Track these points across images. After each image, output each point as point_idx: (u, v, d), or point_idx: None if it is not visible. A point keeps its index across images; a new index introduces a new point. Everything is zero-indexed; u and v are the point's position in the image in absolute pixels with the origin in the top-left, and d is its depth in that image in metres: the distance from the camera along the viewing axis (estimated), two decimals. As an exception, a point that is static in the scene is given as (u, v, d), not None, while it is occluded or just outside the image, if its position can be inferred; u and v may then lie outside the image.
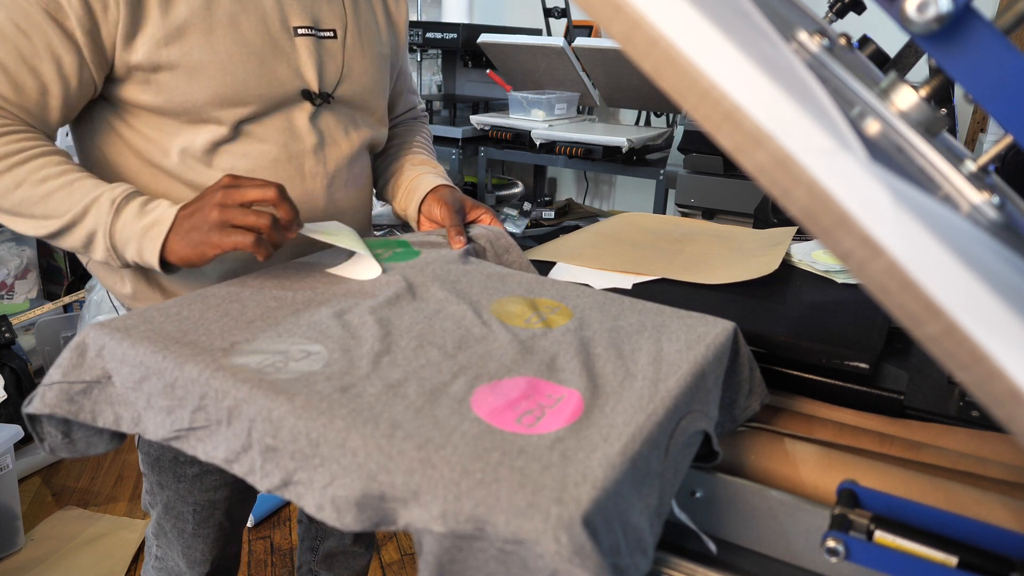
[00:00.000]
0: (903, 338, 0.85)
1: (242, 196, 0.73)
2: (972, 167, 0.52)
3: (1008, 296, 0.34)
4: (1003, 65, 0.42)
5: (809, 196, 0.34)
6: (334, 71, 0.93)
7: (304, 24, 0.89)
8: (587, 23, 2.78)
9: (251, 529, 1.92)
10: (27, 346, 2.23)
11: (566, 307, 0.74)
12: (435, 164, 1.11)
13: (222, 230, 0.73)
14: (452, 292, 0.75)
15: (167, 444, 0.60)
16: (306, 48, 0.89)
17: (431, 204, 1.00)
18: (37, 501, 1.98)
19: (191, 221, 0.75)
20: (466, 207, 1.00)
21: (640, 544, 0.48)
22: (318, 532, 1.29)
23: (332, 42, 0.93)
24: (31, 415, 0.64)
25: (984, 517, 0.57)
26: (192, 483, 0.98)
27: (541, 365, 0.61)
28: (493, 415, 0.53)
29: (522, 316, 0.71)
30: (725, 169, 2.02)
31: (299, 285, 0.75)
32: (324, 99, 0.92)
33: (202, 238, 0.74)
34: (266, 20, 0.85)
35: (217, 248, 0.73)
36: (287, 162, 0.90)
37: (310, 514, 0.51)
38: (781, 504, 0.59)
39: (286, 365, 0.58)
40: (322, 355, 0.60)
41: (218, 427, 0.56)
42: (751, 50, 0.36)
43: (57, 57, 0.77)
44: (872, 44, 0.70)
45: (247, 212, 0.73)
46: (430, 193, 1.01)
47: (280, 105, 0.88)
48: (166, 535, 1.03)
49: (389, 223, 2.72)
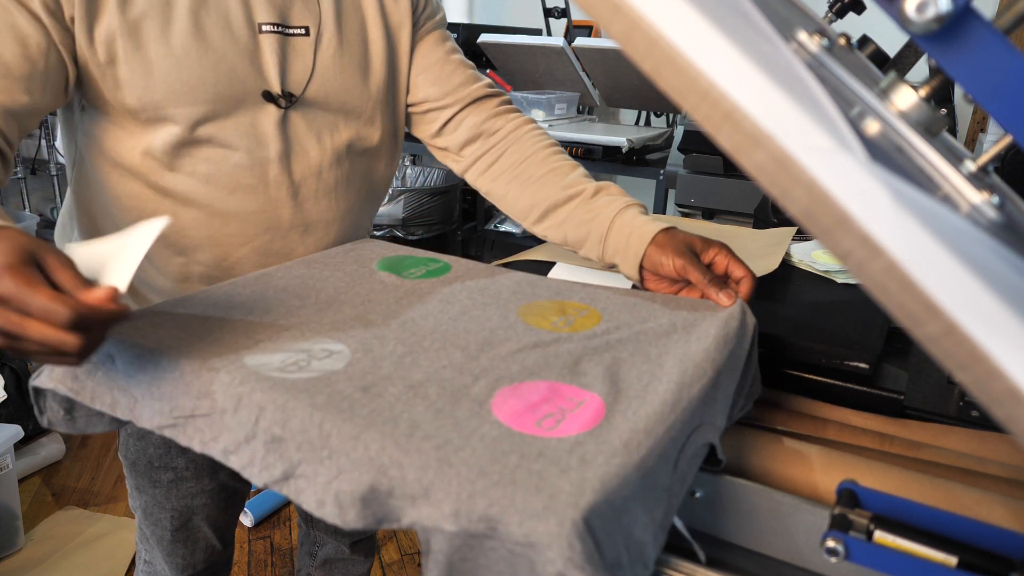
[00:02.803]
0: (903, 338, 0.85)
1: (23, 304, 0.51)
2: (972, 167, 0.51)
3: (1008, 296, 0.34)
4: (1003, 65, 0.41)
5: (809, 196, 0.34)
6: (301, 70, 0.87)
7: (270, 21, 0.84)
8: (587, 23, 2.78)
9: (251, 529, 1.92)
10: (27, 346, 2.23)
11: (595, 309, 0.73)
12: (617, 189, 0.91)
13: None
14: (479, 295, 0.74)
15: (159, 432, 0.59)
16: (270, 46, 0.84)
17: (656, 258, 0.80)
18: (37, 501, 1.98)
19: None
20: (697, 249, 0.79)
21: (642, 557, 0.48)
22: (316, 538, 1.28)
23: (302, 40, 0.87)
24: (36, 388, 0.64)
25: (984, 517, 0.57)
26: (168, 489, 0.97)
27: (564, 369, 0.60)
28: (513, 418, 0.52)
29: (548, 319, 0.70)
30: (725, 169, 2.02)
31: (323, 285, 0.75)
32: (288, 100, 0.86)
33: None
34: (228, 16, 0.82)
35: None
36: (249, 169, 0.86)
37: (308, 510, 0.50)
38: (781, 504, 0.59)
39: (308, 364, 0.58)
40: (344, 354, 0.60)
41: (222, 415, 0.55)
42: (751, 50, 0.36)
43: (23, 38, 0.73)
44: (872, 44, 0.70)
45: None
46: (649, 246, 0.81)
47: (240, 106, 0.84)
48: (147, 539, 1.03)
49: (389, 223, 2.72)
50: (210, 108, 0.82)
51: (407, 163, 3.25)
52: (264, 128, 0.86)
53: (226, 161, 0.85)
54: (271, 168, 0.87)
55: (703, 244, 0.79)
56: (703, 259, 0.79)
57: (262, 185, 0.87)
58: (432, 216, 2.76)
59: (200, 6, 0.80)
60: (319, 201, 0.92)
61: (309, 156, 0.90)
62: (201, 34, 0.80)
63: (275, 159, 0.87)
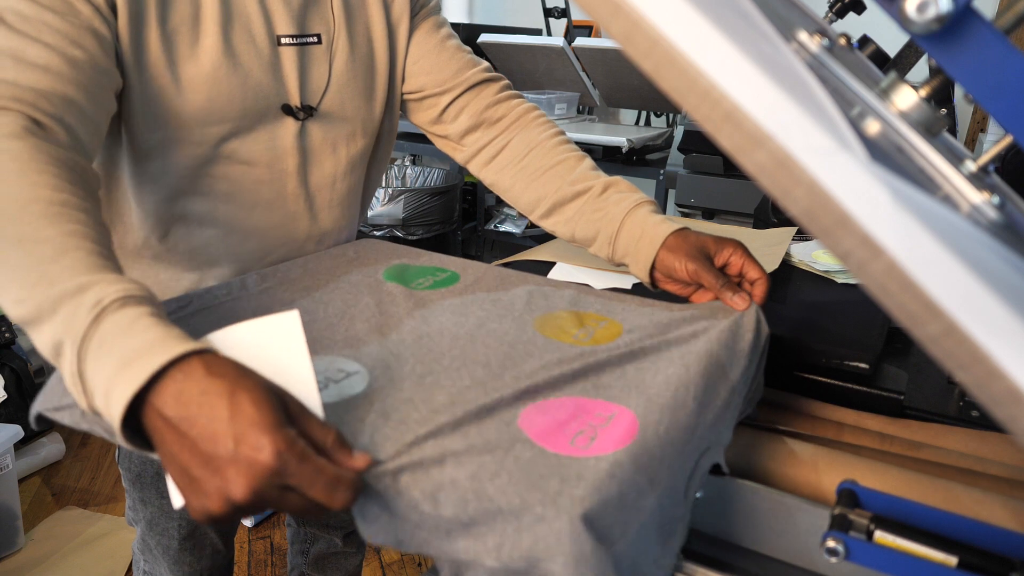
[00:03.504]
0: (903, 338, 0.85)
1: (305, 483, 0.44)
2: (972, 167, 0.52)
3: (1008, 296, 0.34)
4: (1003, 65, 0.41)
5: (809, 196, 0.34)
6: (319, 79, 0.85)
7: (288, 33, 0.82)
8: (587, 23, 2.78)
9: (251, 529, 1.92)
10: (27, 346, 2.22)
11: (614, 321, 0.71)
12: (627, 185, 0.89)
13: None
14: (493, 308, 0.72)
15: None
16: (290, 59, 0.82)
17: (669, 262, 0.78)
18: (37, 501, 1.98)
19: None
20: (710, 251, 0.77)
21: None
22: (307, 535, 1.27)
23: (317, 48, 0.85)
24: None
25: (984, 517, 0.57)
26: None
27: (588, 384, 0.59)
28: (545, 437, 0.50)
29: (569, 332, 0.68)
30: (725, 169, 2.02)
31: (330, 297, 0.73)
32: (307, 113, 0.85)
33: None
34: (251, 30, 0.79)
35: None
36: (269, 183, 0.84)
37: None
38: (781, 504, 0.59)
39: (326, 386, 0.55)
40: (362, 375, 0.58)
41: None
42: (751, 50, 0.36)
43: (98, 34, 0.67)
44: (872, 44, 0.70)
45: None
46: (661, 249, 0.79)
47: (262, 120, 0.82)
48: (151, 551, 1.00)
49: (389, 223, 2.72)
50: (235, 125, 0.80)
51: (407, 163, 3.25)
52: (284, 141, 0.84)
53: (246, 177, 0.83)
54: (289, 182, 0.86)
55: (716, 245, 0.77)
56: (717, 261, 0.77)
57: (280, 199, 0.86)
58: (432, 216, 2.76)
59: (227, 21, 0.77)
60: (332, 211, 0.91)
61: (324, 167, 0.88)
62: (230, 51, 0.77)
63: (293, 172, 0.86)
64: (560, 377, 0.59)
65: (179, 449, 0.44)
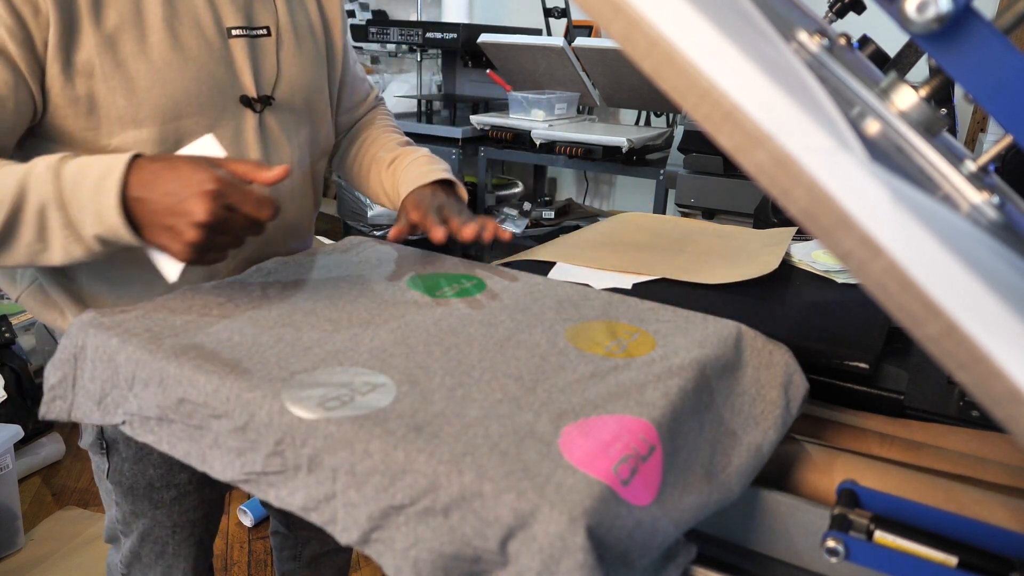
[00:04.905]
0: (903, 338, 0.85)
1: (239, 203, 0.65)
2: (972, 167, 0.51)
3: (1008, 296, 0.34)
4: (1003, 65, 0.42)
5: (809, 196, 0.34)
6: (270, 71, 0.88)
7: (238, 24, 0.84)
8: (587, 23, 2.78)
9: (251, 529, 1.92)
10: (27, 346, 2.22)
11: (646, 332, 0.70)
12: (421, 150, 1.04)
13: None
14: (523, 317, 0.71)
15: (236, 486, 0.56)
16: (241, 50, 0.84)
17: (409, 204, 0.95)
18: (37, 501, 1.98)
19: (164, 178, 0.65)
20: (444, 214, 0.92)
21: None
22: (298, 539, 1.27)
23: (266, 40, 0.87)
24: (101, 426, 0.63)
25: (984, 517, 0.57)
26: (170, 507, 0.95)
27: (630, 400, 0.56)
28: (587, 462, 0.48)
29: (601, 344, 0.67)
30: (725, 169, 2.02)
31: (353, 306, 0.72)
32: (264, 103, 0.86)
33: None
34: (200, 22, 0.80)
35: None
36: None
37: (387, 573, 0.48)
38: (781, 504, 0.59)
39: (352, 399, 0.55)
40: (389, 387, 0.57)
41: (296, 472, 0.53)
42: (751, 50, 0.36)
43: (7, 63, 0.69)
44: (872, 44, 0.70)
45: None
46: (414, 192, 0.95)
47: (223, 115, 0.83)
48: (141, 560, 0.99)
49: (389, 223, 2.72)
50: (196, 120, 0.80)
51: (407, 163, 3.24)
52: (246, 135, 0.85)
53: None
54: None
55: (449, 212, 0.93)
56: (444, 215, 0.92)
57: None
58: (432, 216, 2.76)
59: (172, 15, 0.78)
60: (295, 201, 0.94)
61: (283, 158, 0.90)
62: (179, 44, 0.78)
63: None
64: (598, 392, 0.57)
65: (153, 212, 0.64)
